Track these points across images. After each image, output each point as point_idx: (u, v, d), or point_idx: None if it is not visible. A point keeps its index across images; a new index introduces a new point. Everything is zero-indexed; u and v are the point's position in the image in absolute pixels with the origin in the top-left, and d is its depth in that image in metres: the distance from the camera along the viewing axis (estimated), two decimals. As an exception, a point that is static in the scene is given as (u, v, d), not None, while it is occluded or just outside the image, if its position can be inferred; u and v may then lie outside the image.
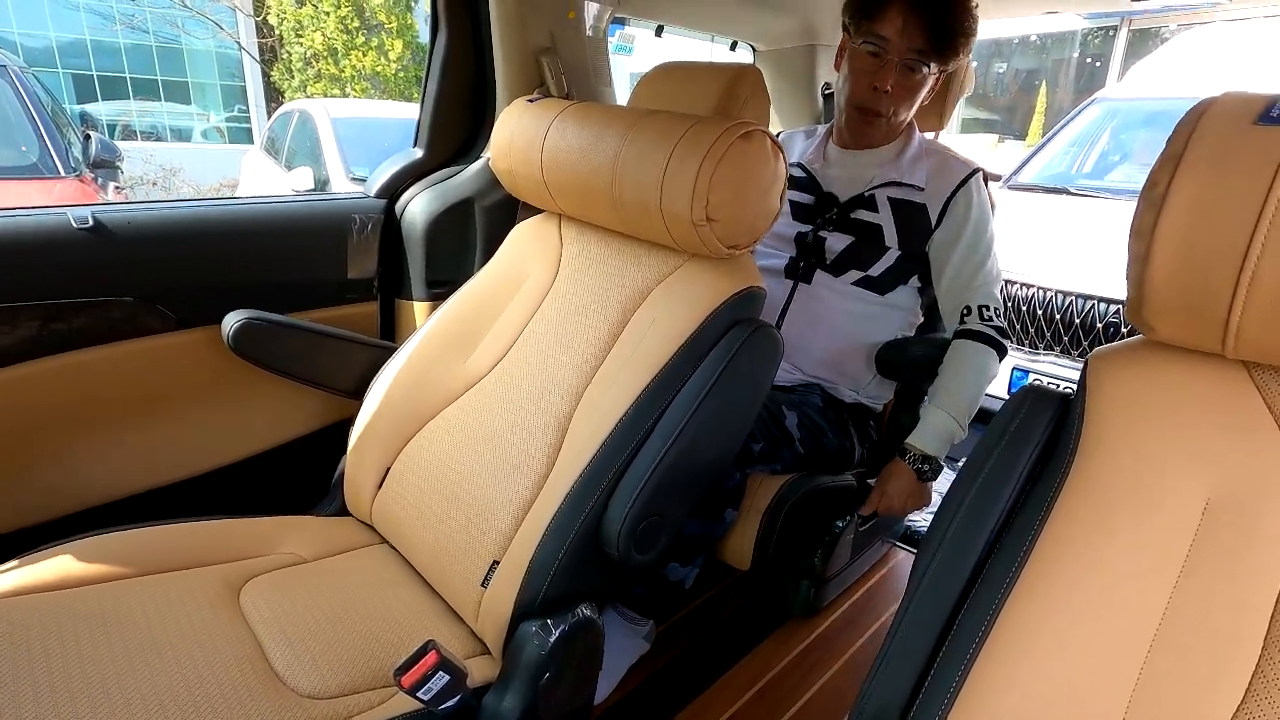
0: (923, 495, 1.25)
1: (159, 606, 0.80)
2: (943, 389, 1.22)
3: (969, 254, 1.26)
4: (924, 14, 1.15)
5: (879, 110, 1.23)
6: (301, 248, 1.27)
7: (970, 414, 1.22)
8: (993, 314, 1.24)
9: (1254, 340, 0.50)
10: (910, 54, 1.17)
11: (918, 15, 1.15)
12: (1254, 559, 0.51)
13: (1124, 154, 3.33)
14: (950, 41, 1.18)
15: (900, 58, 1.18)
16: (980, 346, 1.21)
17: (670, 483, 0.83)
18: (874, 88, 1.21)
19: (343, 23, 7.33)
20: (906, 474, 1.22)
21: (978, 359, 1.21)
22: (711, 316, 0.89)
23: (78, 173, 3.06)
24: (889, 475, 1.24)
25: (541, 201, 1.09)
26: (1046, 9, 1.70)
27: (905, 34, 1.16)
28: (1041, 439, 0.62)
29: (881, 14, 1.17)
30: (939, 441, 1.21)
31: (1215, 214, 0.48)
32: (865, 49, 1.20)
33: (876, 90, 1.21)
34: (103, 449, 1.13)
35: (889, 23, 1.16)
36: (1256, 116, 0.48)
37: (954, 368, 1.22)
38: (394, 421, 1.04)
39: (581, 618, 0.80)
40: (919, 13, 1.15)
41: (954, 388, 1.21)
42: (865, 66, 1.21)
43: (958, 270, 1.26)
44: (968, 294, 1.25)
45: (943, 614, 0.59)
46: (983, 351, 1.21)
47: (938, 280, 1.30)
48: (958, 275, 1.27)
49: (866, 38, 1.19)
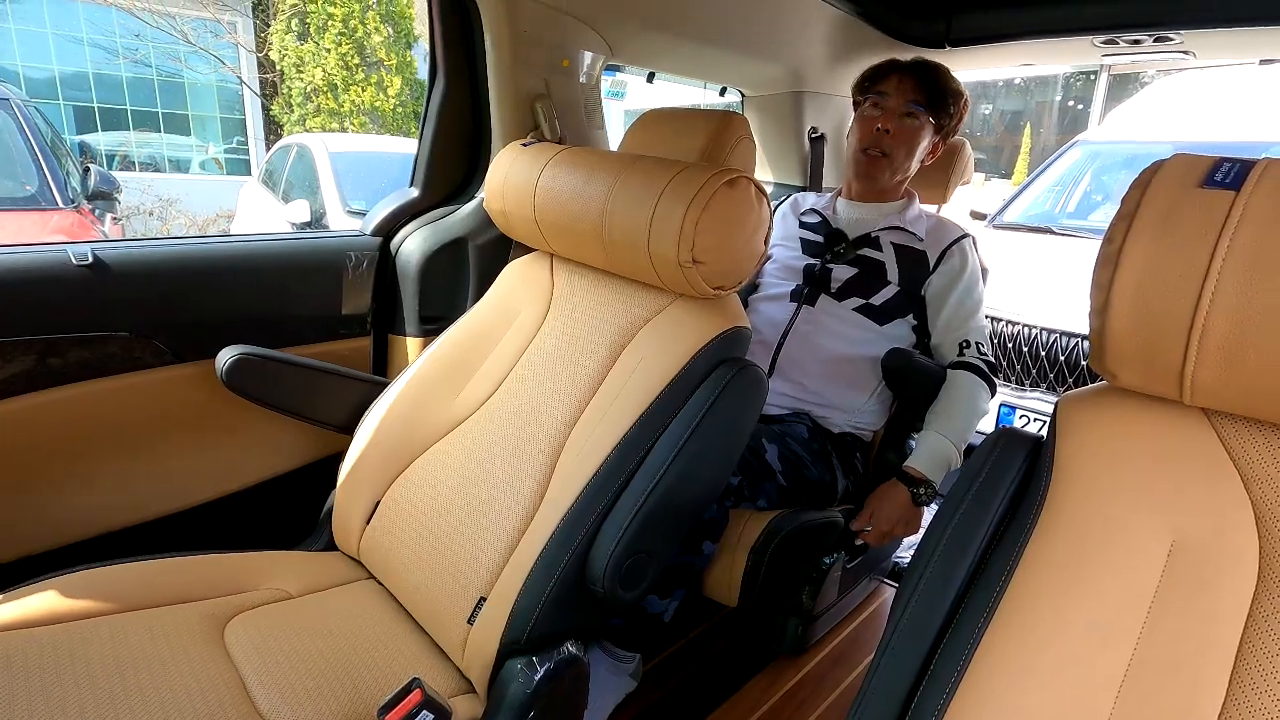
0: (915, 521, 1.27)
1: (143, 643, 0.80)
2: (941, 414, 1.29)
3: (964, 298, 1.39)
4: (916, 75, 1.39)
5: (882, 149, 1.39)
6: (297, 284, 1.29)
7: (964, 442, 1.28)
8: (986, 352, 1.35)
9: (1209, 389, 0.53)
10: (907, 103, 1.38)
11: (911, 76, 1.39)
12: (1217, 601, 0.53)
13: (1106, 195, 3.42)
14: (940, 95, 1.39)
15: (898, 107, 1.38)
16: (976, 380, 1.31)
17: (655, 520, 0.84)
18: (877, 129, 1.39)
19: (343, 59, 7.49)
20: (901, 495, 1.25)
21: (973, 390, 1.31)
22: (697, 355, 0.91)
23: (75, 204, 3.09)
24: (882, 495, 1.28)
25: (534, 241, 1.11)
26: (1020, 62, 1.78)
27: (901, 89, 1.38)
28: (1015, 480, 0.64)
29: (882, 79, 1.41)
30: (935, 465, 1.26)
31: (1165, 272, 0.51)
32: (869, 101, 1.42)
33: (879, 131, 1.39)
34: (93, 483, 1.14)
35: (888, 83, 1.40)
36: (1201, 180, 0.51)
37: (951, 396, 1.31)
38: (384, 457, 1.05)
39: (567, 655, 0.80)
40: (912, 74, 1.39)
41: (952, 413, 1.29)
42: (870, 115, 1.42)
43: (955, 310, 1.38)
44: (965, 330, 1.37)
45: (921, 652, 0.60)
46: (978, 385, 1.31)
47: (934, 319, 1.40)
48: (955, 314, 1.38)
49: (870, 96, 1.42)
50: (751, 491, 1.23)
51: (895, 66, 1.41)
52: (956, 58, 1.68)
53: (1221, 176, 0.50)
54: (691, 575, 1.20)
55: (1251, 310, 0.49)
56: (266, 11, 8.10)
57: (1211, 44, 1.48)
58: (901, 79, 1.38)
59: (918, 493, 1.24)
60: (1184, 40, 1.45)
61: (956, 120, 1.44)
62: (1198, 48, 1.50)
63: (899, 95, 1.37)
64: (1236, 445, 0.56)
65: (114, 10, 7.21)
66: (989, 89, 14.82)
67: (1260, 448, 0.55)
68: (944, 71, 1.40)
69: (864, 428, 1.43)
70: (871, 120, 1.40)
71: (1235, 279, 0.49)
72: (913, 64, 1.40)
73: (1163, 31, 1.40)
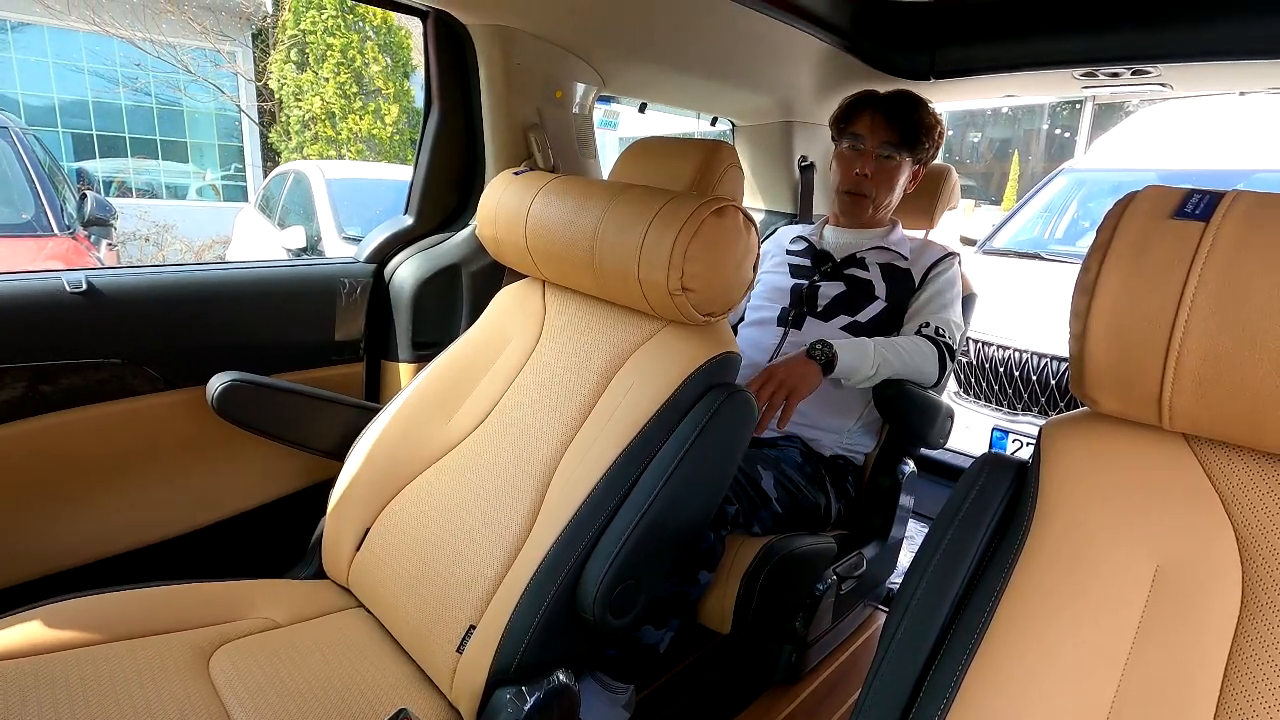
0: (810, 377, 1.25)
1: (127, 674, 0.79)
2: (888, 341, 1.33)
3: (936, 295, 1.42)
4: (888, 114, 1.41)
5: (863, 193, 1.45)
6: (291, 310, 1.30)
7: (891, 372, 1.30)
8: (947, 336, 1.37)
9: (1187, 415, 0.54)
10: (882, 145, 1.42)
11: (883, 115, 1.41)
12: (1203, 626, 0.53)
13: (1093, 221, 3.47)
14: (914, 134, 1.42)
15: (874, 149, 1.42)
16: (928, 343, 1.34)
17: (646, 546, 0.84)
18: (856, 173, 1.44)
19: (341, 88, 7.59)
20: (800, 354, 1.27)
21: (925, 347, 1.34)
22: (687, 381, 0.91)
23: (71, 231, 3.10)
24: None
25: (525, 268, 1.13)
26: (1003, 93, 1.82)
27: (875, 130, 1.42)
28: (1000, 506, 0.65)
29: (856, 118, 1.44)
30: (850, 345, 1.28)
31: (1140, 301, 0.52)
32: (846, 144, 1.46)
33: (858, 175, 1.44)
34: (81, 511, 1.13)
35: (862, 123, 1.43)
36: (1173, 211, 0.53)
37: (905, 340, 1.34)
38: (374, 483, 1.05)
39: (557, 684, 0.79)
40: (884, 114, 1.41)
41: (895, 343, 1.32)
42: (848, 158, 1.46)
43: (924, 304, 1.42)
44: (927, 316, 1.40)
45: (910, 679, 0.60)
46: (930, 345, 1.34)
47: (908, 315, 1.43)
48: (925, 306, 1.42)
49: (846, 137, 1.46)
50: (747, 519, 1.23)
51: (868, 103, 1.44)
52: (941, 89, 1.72)
53: (1192, 208, 0.52)
54: (687, 605, 1.19)
55: (1223, 337, 0.50)
56: (266, 42, 8.23)
57: (1189, 77, 1.52)
58: (874, 118, 1.41)
59: (815, 350, 1.26)
60: (1161, 73, 1.49)
61: (934, 150, 1.48)
62: (1175, 80, 1.54)
63: (874, 137, 1.41)
64: (1217, 470, 0.56)
65: (115, 40, 7.31)
66: (977, 117, 15.10)
67: (1240, 472, 0.56)
68: (918, 104, 1.42)
69: (854, 450, 1.44)
70: (850, 162, 1.45)
71: (1207, 307, 0.50)
72: (885, 100, 1.43)
73: (1140, 65, 1.44)
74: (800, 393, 1.23)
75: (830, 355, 1.26)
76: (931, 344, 1.34)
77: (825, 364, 1.26)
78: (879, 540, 1.46)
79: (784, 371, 1.24)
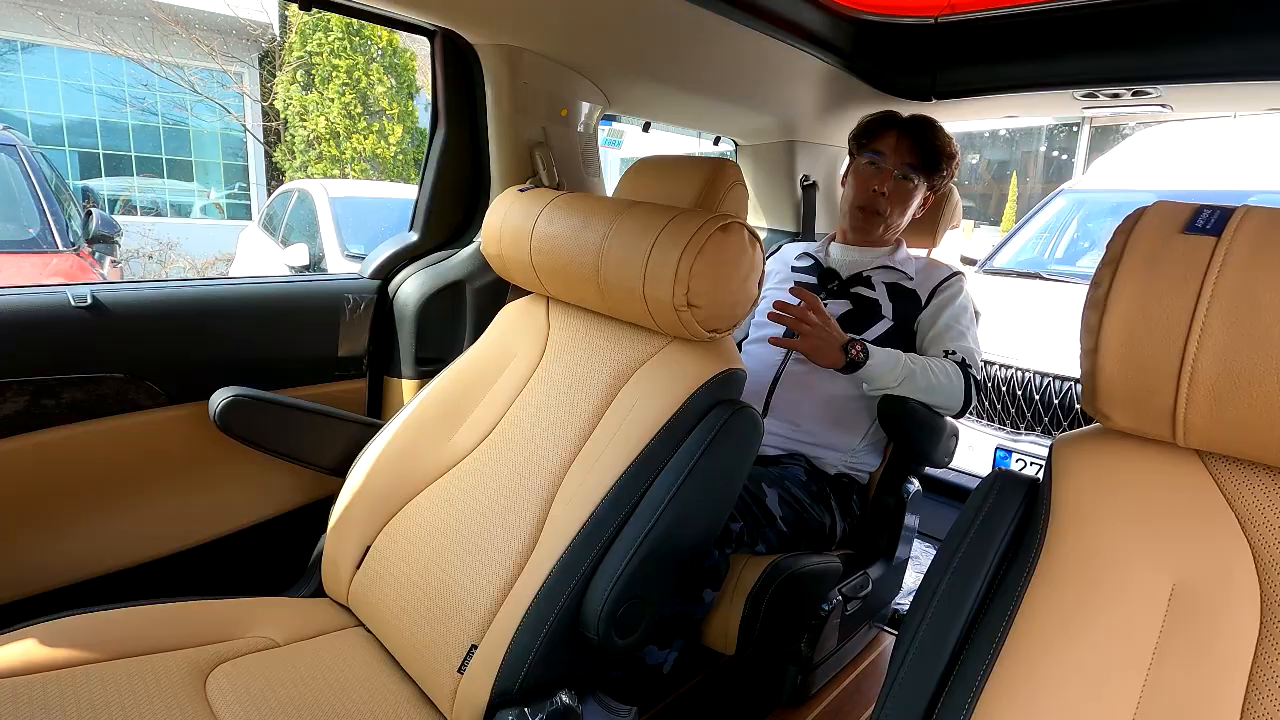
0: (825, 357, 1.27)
1: (123, 694, 0.78)
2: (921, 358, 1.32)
3: (952, 321, 1.40)
4: (913, 136, 1.43)
5: (877, 209, 1.45)
6: (294, 326, 1.29)
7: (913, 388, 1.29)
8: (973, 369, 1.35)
9: (1201, 431, 0.53)
10: (903, 166, 1.43)
11: (908, 137, 1.43)
12: (1221, 648, 0.52)
13: (1093, 241, 3.48)
14: (935, 160, 1.44)
15: (895, 169, 1.43)
16: (959, 371, 1.32)
17: (651, 565, 0.82)
18: (873, 190, 1.44)
19: (346, 109, 7.67)
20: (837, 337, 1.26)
21: (951, 367, 1.32)
22: (692, 398, 0.91)
23: (75, 247, 3.12)
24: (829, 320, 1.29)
25: (530, 284, 1.13)
26: (1004, 114, 1.84)
27: (898, 151, 1.43)
28: (1012, 524, 0.64)
29: (879, 136, 1.45)
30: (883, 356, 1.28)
31: (1153, 316, 0.52)
32: (866, 160, 1.46)
33: (875, 192, 1.44)
34: (81, 527, 1.12)
35: (885, 142, 1.44)
36: (1184, 226, 0.53)
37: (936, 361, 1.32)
38: (375, 500, 1.04)
39: (560, 706, 0.78)
40: (909, 135, 1.43)
41: (926, 363, 1.31)
42: (866, 174, 1.46)
43: (943, 329, 1.39)
44: (950, 344, 1.37)
45: (923, 701, 0.59)
46: (959, 373, 1.32)
47: (921, 340, 1.42)
48: (943, 332, 1.39)
49: (868, 153, 1.46)
50: (752, 537, 1.22)
51: (892, 123, 1.45)
52: (942, 110, 1.74)
53: (1203, 223, 0.52)
54: (691, 624, 1.17)
55: (1238, 352, 0.49)
56: (272, 63, 8.33)
57: (1189, 98, 1.53)
58: (899, 139, 1.42)
59: (851, 348, 1.26)
60: (1162, 94, 1.50)
61: (948, 179, 1.50)
62: (1175, 101, 1.55)
63: (896, 157, 1.42)
64: (1231, 487, 0.56)
65: (124, 61, 7.40)
66: (976, 139, 15.24)
67: (1255, 489, 0.55)
68: (940, 132, 1.44)
69: (859, 469, 1.42)
70: (868, 180, 1.45)
71: (1221, 322, 0.50)
72: (909, 123, 1.44)
73: (1141, 86, 1.45)
74: (808, 355, 1.28)
75: (861, 362, 1.26)
76: (960, 371, 1.33)
77: (849, 364, 1.27)
78: (884, 560, 1.45)
79: (821, 333, 1.26)
